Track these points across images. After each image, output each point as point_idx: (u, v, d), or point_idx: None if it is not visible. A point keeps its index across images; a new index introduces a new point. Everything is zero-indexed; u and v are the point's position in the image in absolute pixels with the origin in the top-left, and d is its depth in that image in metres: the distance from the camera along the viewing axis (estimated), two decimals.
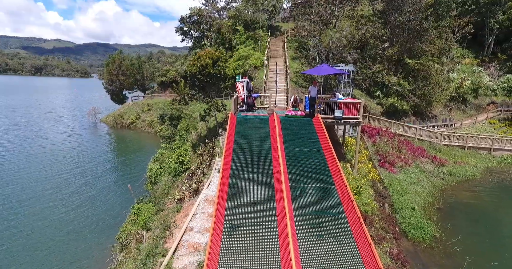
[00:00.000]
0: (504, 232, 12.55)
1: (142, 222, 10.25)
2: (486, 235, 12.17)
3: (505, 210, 14.64)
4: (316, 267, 6.98)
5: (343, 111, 13.27)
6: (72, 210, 14.55)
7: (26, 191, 16.44)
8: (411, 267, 9.50)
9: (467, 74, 28.38)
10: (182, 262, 7.85)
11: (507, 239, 11.95)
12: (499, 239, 11.86)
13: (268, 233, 7.84)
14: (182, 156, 14.86)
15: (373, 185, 14.21)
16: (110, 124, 36.76)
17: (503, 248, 11.25)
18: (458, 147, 21.20)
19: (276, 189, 9.60)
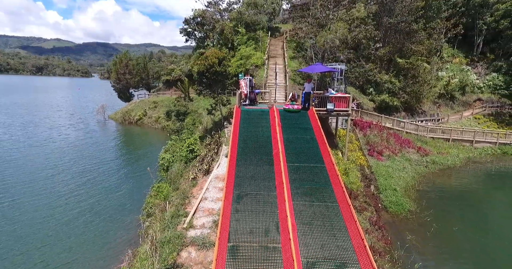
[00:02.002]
0: (469, 207, 14.70)
1: (163, 195, 12.15)
2: (454, 209, 14.23)
3: (475, 191, 16.73)
4: (307, 224, 8.89)
5: (334, 104, 15.16)
6: (101, 192, 16.40)
7: (61, 178, 18.29)
8: (387, 231, 11.43)
9: (455, 73, 30.26)
10: (200, 221, 9.79)
11: (469, 213, 14.10)
12: (464, 212, 13.97)
13: (269, 199, 9.74)
14: (192, 145, 16.73)
15: (361, 170, 16.13)
16: (118, 121, 38.65)
17: (465, 218, 13.44)
18: (443, 139, 23.11)
19: (276, 167, 11.51)
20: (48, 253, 10.70)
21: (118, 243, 11.20)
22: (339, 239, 8.50)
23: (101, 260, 10.40)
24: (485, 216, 13.90)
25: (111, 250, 10.84)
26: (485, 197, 16.23)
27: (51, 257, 10.49)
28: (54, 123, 35.81)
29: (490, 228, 12.70)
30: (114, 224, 12.81)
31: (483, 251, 10.97)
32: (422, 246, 10.84)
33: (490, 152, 22.60)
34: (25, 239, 11.51)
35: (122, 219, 13.25)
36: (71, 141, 27.18)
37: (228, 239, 8.40)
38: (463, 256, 10.52)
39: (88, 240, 11.53)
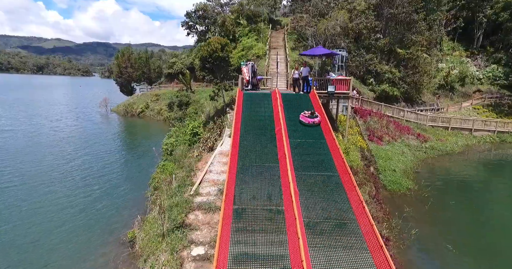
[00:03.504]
0: (466, 187, 15.19)
1: (168, 172, 12.51)
2: (451, 188, 14.70)
3: (473, 174, 17.20)
4: (308, 190, 9.25)
5: (335, 86, 15.50)
6: (110, 173, 16.82)
7: (69, 163, 18.60)
8: (385, 204, 11.79)
9: (455, 64, 30.57)
10: (206, 190, 10.16)
11: (466, 191, 14.61)
12: (460, 191, 14.47)
13: (272, 170, 10.10)
14: (196, 128, 17.10)
15: (361, 151, 16.48)
16: (120, 113, 39.04)
17: (462, 196, 13.95)
18: (442, 127, 23.45)
19: (278, 143, 11.86)
20: (69, 218, 11.33)
21: (126, 214, 11.58)
22: (339, 202, 8.86)
23: (115, 224, 10.87)
24: (482, 194, 14.26)
25: (121, 218, 11.27)
26: (482, 178, 16.60)
27: (72, 221, 11.16)
28: (60, 115, 36.26)
29: (485, 204, 13.11)
30: (121, 199, 13.19)
31: (477, 221, 11.42)
32: (419, 216, 11.21)
33: (489, 140, 22.94)
34: (47, 207, 12.17)
35: (129, 195, 13.66)
36: (78, 131, 27.62)
37: (233, 202, 8.77)
38: (458, 225, 10.91)
39: (98, 211, 11.94)
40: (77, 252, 9.09)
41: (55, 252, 9.07)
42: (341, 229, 7.96)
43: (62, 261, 8.64)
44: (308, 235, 7.62)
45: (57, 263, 8.56)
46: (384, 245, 7.18)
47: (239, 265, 6.79)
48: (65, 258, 8.77)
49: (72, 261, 8.67)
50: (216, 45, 17.86)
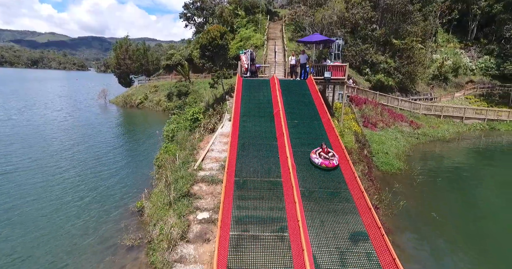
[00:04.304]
0: (454, 169, 16.06)
1: (172, 152, 13.11)
2: (440, 169, 15.56)
3: (462, 157, 18.16)
4: (305, 165, 9.94)
5: (331, 72, 16.12)
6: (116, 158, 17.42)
7: (70, 152, 19.07)
8: (377, 182, 12.55)
9: (449, 56, 31.28)
10: (208, 165, 10.81)
11: (454, 172, 15.50)
12: (448, 172, 15.31)
13: (271, 147, 10.77)
14: (196, 114, 17.64)
15: (356, 135, 17.19)
16: (119, 104, 39.36)
17: (449, 176, 14.83)
18: (435, 116, 24.25)
19: (276, 124, 12.51)
20: (81, 194, 11.97)
21: (133, 189, 12.24)
22: (333, 174, 9.59)
23: (124, 197, 11.54)
24: (468, 175, 15.10)
25: (129, 192, 11.94)
26: (470, 162, 17.44)
27: (85, 196, 11.82)
28: (59, 106, 36.53)
29: (470, 184, 13.99)
30: (128, 178, 13.83)
31: (460, 196, 12.32)
32: (407, 192, 12.00)
33: (479, 127, 23.80)
34: (62, 184, 12.84)
35: (135, 174, 14.33)
36: (80, 120, 28.00)
37: (234, 175, 9.44)
38: (443, 199, 11.73)
39: (107, 188, 12.60)
40: (89, 222, 9.75)
41: (70, 221, 9.74)
42: (334, 196, 8.69)
43: (76, 230, 9.29)
44: (304, 201, 8.33)
45: (73, 231, 9.22)
46: (372, 208, 7.92)
47: (241, 225, 7.49)
48: (80, 228, 9.43)
49: (84, 230, 9.33)
50: (216, 33, 18.31)
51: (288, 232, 7.49)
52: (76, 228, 9.36)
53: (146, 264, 7.46)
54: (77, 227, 9.39)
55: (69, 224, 9.55)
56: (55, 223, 9.62)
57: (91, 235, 8.90)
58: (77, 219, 9.81)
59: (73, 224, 9.55)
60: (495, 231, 9.64)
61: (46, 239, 8.73)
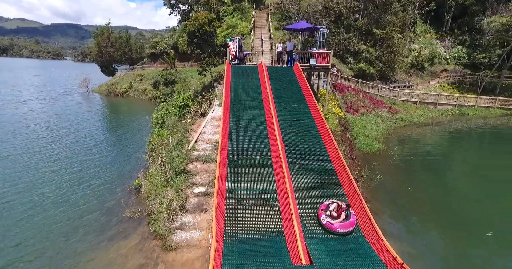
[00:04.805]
0: (426, 147, 17.72)
1: (164, 136, 13.56)
2: (413, 149, 17.11)
3: (433, 139, 19.89)
4: (292, 144, 10.77)
5: (316, 59, 16.89)
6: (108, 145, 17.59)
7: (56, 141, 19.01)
8: (357, 160, 13.70)
9: (426, 45, 32.93)
10: (201, 146, 11.43)
11: (426, 150, 17.11)
12: (421, 151, 16.89)
13: (260, 129, 11.49)
14: (186, 100, 17.99)
15: (339, 119, 18.26)
16: (103, 93, 38.54)
17: (422, 153, 16.34)
18: (412, 102, 25.85)
19: (265, 107, 13.20)
20: (78, 176, 12.27)
21: (129, 170, 12.69)
22: (318, 152, 10.49)
23: (120, 178, 11.98)
24: (438, 155, 16.63)
25: (125, 173, 12.39)
26: (441, 143, 19.10)
27: (81, 180, 12.11)
28: (40, 95, 35.31)
29: (440, 162, 15.46)
30: (122, 161, 14.19)
31: (430, 171, 13.78)
32: (384, 168, 13.23)
33: (451, 113, 25.67)
34: (58, 168, 12.96)
35: (128, 157, 14.70)
36: (63, 110, 27.31)
37: (227, 153, 10.13)
38: (415, 174, 13.15)
39: (104, 170, 12.98)
40: (91, 200, 10.22)
41: (73, 200, 10.21)
42: (319, 171, 9.61)
43: (80, 207, 9.75)
44: (292, 175, 9.18)
45: (77, 208, 9.69)
46: (353, 179, 8.91)
47: (235, 197, 8.26)
48: (83, 205, 9.89)
49: (88, 207, 9.79)
50: (204, 19, 18.49)
51: (278, 201, 8.34)
52: (80, 205, 9.84)
53: (149, 232, 8.11)
54: (81, 205, 9.87)
55: (73, 203, 10.02)
56: (59, 202, 10.06)
57: (94, 210, 9.41)
58: (80, 199, 10.27)
59: (76, 202, 10.03)
60: (457, 201, 11.02)
61: (53, 216, 9.17)
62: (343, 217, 6.86)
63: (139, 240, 7.87)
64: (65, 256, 7.41)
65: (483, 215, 9.84)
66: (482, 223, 9.28)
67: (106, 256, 7.33)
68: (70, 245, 7.80)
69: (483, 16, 33.31)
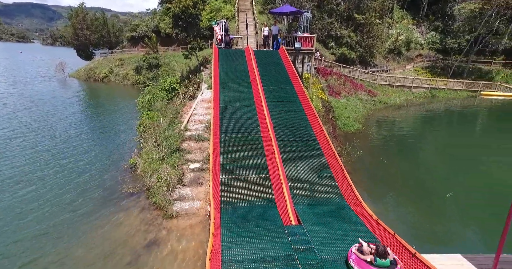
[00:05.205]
0: (401, 125, 19.19)
1: (154, 118, 13.84)
2: (389, 128, 18.52)
3: (407, 120, 21.46)
4: (280, 124, 11.50)
5: (301, 43, 17.48)
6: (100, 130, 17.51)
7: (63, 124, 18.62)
8: (339, 138, 14.81)
9: (402, 31, 34.30)
10: (193, 126, 11.94)
11: (400, 128, 18.57)
12: (396, 130, 18.34)
13: (249, 109, 12.09)
14: (173, 84, 18.10)
15: (322, 102, 19.23)
16: (81, 78, 37.06)
17: (396, 132, 17.83)
18: (389, 85, 27.33)
19: (253, 90, 13.76)
20: (72, 160, 12.36)
21: (122, 152, 12.99)
22: (304, 129, 11.34)
23: (114, 158, 12.32)
24: (411, 133, 18.17)
25: (119, 154, 12.70)
26: (414, 123, 20.73)
27: (77, 162, 12.30)
28: (14, 79, 33.45)
29: (412, 138, 17.01)
30: (114, 143, 14.39)
31: (403, 147, 15.17)
32: (363, 145, 14.44)
33: (424, 95, 27.50)
34: (51, 151, 12.96)
35: (119, 140, 14.89)
36: (42, 95, 26.20)
37: (219, 132, 10.74)
38: (390, 149, 14.49)
39: (99, 152, 13.17)
40: (90, 179, 10.57)
41: (72, 180, 10.53)
42: (306, 146, 10.49)
43: (80, 186, 10.10)
44: (281, 151, 10.00)
45: (77, 186, 10.05)
46: (336, 152, 9.87)
47: (229, 171, 8.97)
48: (82, 184, 10.24)
49: (87, 185, 10.16)
50: (188, 1, 18.31)
51: (269, 174, 9.17)
52: (79, 184, 10.19)
53: (149, 203, 8.72)
54: (80, 183, 10.20)
55: (72, 182, 10.36)
56: (60, 182, 10.35)
57: (94, 188, 9.83)
58: (78, 178, 10.59)
59: (76, 182, 10.37)
60: (424, 174, 12.45)
61: (56, 195, 9.49)
62: None
63: (141, 211, 8.47)
64: (71, 228, 7.89)
65: (444, 183, 11.27)
66: (443, 189, 10.68)
67: (111, 225, 7.90)
68: (75, 219, 8.26)
69: (455, 2, 34.95)
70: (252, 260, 5.88)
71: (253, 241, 6.37)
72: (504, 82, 29.91)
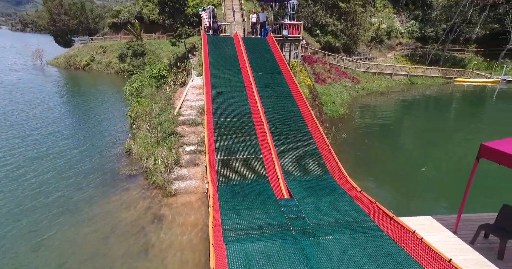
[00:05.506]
0: (382, 109, 20.30)
1: (145, 105, 14.00)
2: (372, 113, 19.60)
3: (388, 105, 22.54)
4: (270, 108, 12.03)
5: (288, 30, 17.86)
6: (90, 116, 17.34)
7: None
8: (325, 122, 15.65)
9: (384, 20, 35.29)
10: (186, 112, 12.29)
11: (381, 112, 19.67)
12: (377, 115, 19.42)
13: (241, 95, 12.52)
14: (162, 71, 18.10)
15: (309, 88, 19.93)
16: (61, 66, 35.62)
17: (378, 115, 18.88)
18: (371, 73, 28.42)
19: (244, 76, 14.16)
20: (66, 147, 12.39)
21: (115, 137, 13.15)
22: (292, 113, 11.97)
23: (108, 144, 12.53)
24: (391, 118, 19.34)
25: (112, 140, 12.87)
26: (394, 109, 21.94)
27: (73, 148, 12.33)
28: None
29: (392, 122, 18.18)
30: (108, 129, 14.46)
31: (386, 130, 16.27)
32: (347, 128, 15.39)
33: (403, 82, 28.89)
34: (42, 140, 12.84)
35: (111, 127, 14.95)
36: (23, 83, 25.16)
37: (213, 117, 11.18)
38: (372, 131, 15.54)
39: (93, 139, 13.25)
40: (87, 163, 10.77)
41: (70, 164, 10.72)
42: (295, 129, 11.15)
43: (79, 170, 10.31)
44: (273, 134, 10.61)
45: (75, 171, 10.26)
46: (323, 133, 10.61)
47: (224, 153, 9.51)
48: (81, 168, 10.46)
49: (86, 169, 10.39)
50: None
51: (261, 154, 9.80)
52: (78, 169, 10.38)
53: (148, 184, 9.16)
54: (78, 169, 10.40)
55: (71, 167, 10.53)
56: (59, 167, 10.54)
57: (92, 172, 10.08)
58: (76, 164, 10.74)
59: (74, 167, 10.55)
60: (403, 151, 13.55)
61: (56, 181, 9.70)
62: None
63: (140, 190, 8.92)
64: (75, 209, 8.23)
65: (419, 160, 12.41)
66: (418, 165, 11.79)
67: (114, 204, 8.32)
68: (78, 200, 8.58)
69: None
70: (250, 227, 6.56)
71: (250, 213, 7.04)
72: (475, 69, 31.85)
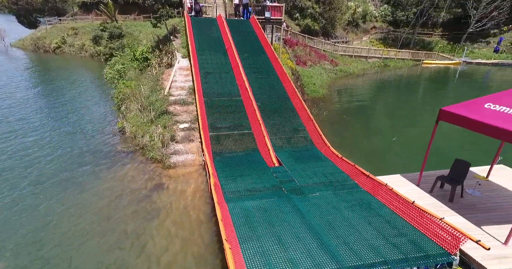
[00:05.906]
0: (357, 89, 21.53)
1: (132, 87, 14.10)
2: (349, 93, 20.91)
3: (363, 86, 24.07)
4: (257, 88, 12.70)
5: (271, 13, 18.29)
6: None
7: None
8: (308, 102, 16.69)
9: (359, 3, 36.37)
10: (176, 92, 12.68)
11: (357, 92, 20.92)
12: (353, 95, 20.78)
13: (229, 75, 13.07)
14: (145, 53, 17.93)
15: (291, 70, 20.74)
16: (28, 49, 33.33)
17: (354, 94, 20.04)
18: (348, 56, 29.70)
19: (230, 57, 14.61)
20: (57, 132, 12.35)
21: (106, 119, 13.28)
22: (278, 91, 12.79)
23: (101, 124, 12.67)
24: (366, 96, 20.82)
25: (103, 121, 13.01)
26: (369, 89, 23.50)
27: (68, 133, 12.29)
28: None
29: (367, 100, 19.58)
30: (97, 112, 14.46)
31: (362, 108, 17.70)
32: (328, 107, 16.57)
33: (377, 64, 30.56)
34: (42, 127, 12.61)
35: (100, 109, 14.93)
36: None
37: (203, 96, 11.73)
38: (350, 108, 16.89)
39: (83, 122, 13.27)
40: (84, 145, 10.96)
41: (67, 147, 10.83)
42: (282, 106, 12.02)
43: (76, 152, 10.53)
44: (261, 111, 11.41)
45: (73, 152, 10.46)
46: (307, 109, 11.56)
47: (216, 129, 10.22)
48: (78, 149, 10.66)
49: (83, 149, 10.63)
50: None
51: (251, 130, 10.64)
52: (73, 149, 10.59)
53: (146, 159, 9.71)
54: (74, 148, 10.61)
55: (66, 147, 10.72)
56: (58, 151, 10.62)
57: (89, 150, 10.37)
58: (69, 143, 10.93)
59: (70, 146, 10.74)
60: (378, 125, 14.98)
61: (60, 161, 9.88)
62: None
63: (140, 165, 9.47)
64: (77, 183, 8.64)
65: (391, 131, 13.92)
66: (390, 135, 13.27)
67: (116, 177, 8.83)
68: (79, 175, 8.98)
69: None
70: (247, 190, 7.49)
71: (245, 179, 7.96)
72: (441, 52, 34.25)
